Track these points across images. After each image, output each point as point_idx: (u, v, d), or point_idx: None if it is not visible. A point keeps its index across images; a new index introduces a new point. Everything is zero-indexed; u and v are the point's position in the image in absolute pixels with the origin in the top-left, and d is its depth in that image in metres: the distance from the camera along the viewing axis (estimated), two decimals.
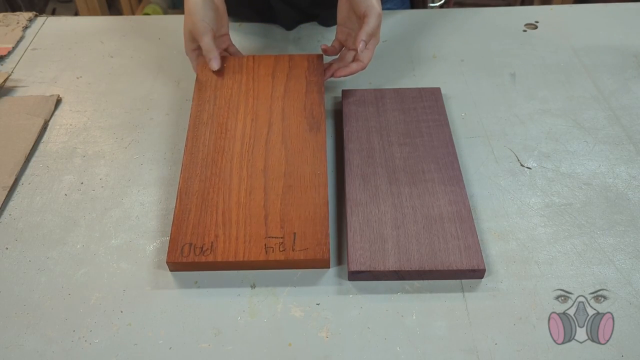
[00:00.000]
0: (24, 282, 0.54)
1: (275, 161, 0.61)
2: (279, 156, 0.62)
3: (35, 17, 0.94)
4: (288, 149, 0.62)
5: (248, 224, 0.56)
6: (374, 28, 0.66)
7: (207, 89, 0.70)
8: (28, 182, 0.65)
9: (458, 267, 0.52)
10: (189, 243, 0.54)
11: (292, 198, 0.58)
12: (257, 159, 0.62)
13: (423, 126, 0.67)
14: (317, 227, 0.55)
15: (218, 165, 0.61)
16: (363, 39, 0.66)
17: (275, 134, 0.64)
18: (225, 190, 0.59)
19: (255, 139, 0.64)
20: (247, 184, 0.59)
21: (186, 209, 0.57)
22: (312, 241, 0.54)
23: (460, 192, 0.59)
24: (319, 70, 0.72)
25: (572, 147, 0.67)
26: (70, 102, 0.76)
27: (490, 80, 0.78)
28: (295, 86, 0.70)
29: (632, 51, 0.82)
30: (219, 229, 0.55)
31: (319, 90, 0.69)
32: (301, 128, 0.65)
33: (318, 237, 0.54)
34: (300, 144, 0.63)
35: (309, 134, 0.64)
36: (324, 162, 0.61)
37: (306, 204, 0.57)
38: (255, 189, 0.59)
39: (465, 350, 0.48)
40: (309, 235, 0.55)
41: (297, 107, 0.67)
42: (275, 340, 0.49)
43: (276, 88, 0.70)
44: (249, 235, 0.55)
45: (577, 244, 0.57)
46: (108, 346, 0.49)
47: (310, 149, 0.62)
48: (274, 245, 0.54)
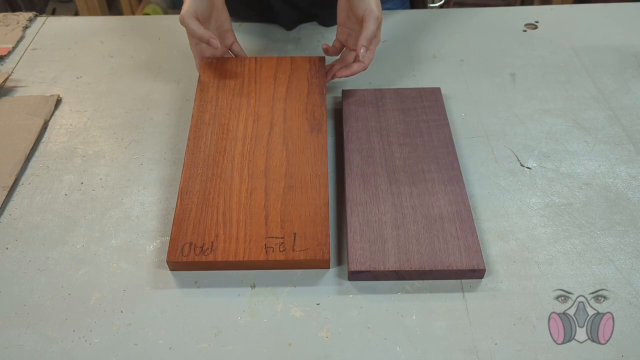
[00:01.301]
0: (24, 282, 0.54)
1: (276, 162, 0.61)
2: (280, 157, 0.62)
3: (35, 17, 0.94)
4: (289, 150, 0.62)
5: (248, 224, 0.56)
6: (373, 32, 0.66)
7: (209, 90, 0.70)
8: (28, 182, 0.65)
9: (458, 267, 0.52)
10: (189, 242, 0.54)
11: (293, 198, 0.58)
12: (258, 159, 0.62)
13: (423, 126, 0.67)
14: (318, 227, 0.55)
15: (219, 165, 0.61)
16: (363, 45, 0.66)
17: (277, 135, 0.64)
18: (226, 190, 0.59)
19: (257, 140, 0.64)
20: (248, 184, 0.59)
21: (187, 209, 0.57)
22: (312, 242, 0.54)
23: (460, 192, 0.59)
24: (320, 72, 0.72)
25: (572, 147, 0.67)
26: (70, 102, 0.76)
27: (490, 80, 0.78)
28: (296, 88, 0.70)
29: (632, 51, 0.82)
30: (220, 228, 0.55)
31: (320, 91, 0.69)
32: (302, 129, 0.65)
33: (318, 237, 0.54)
34: (302, 144, 0.63)
35: (310, 135, 0.64)
36: (324, 163, 0.61)
37: (307, 204, 0.57)
38: (256, 190, 0.59)
39: (465, 350, 0.48)
40: (309, 235, 0.55)
41: (299, 108, 0.67)
42: (275, 340, 0.49)
43: (278, 89, 0.70)
44: (249, 235, 0.55)
45: (577, 244, 0.57)
46: (108, 346, 0.49)
47: (311, 150, 0.62)
48: (274, 246, 0.54)
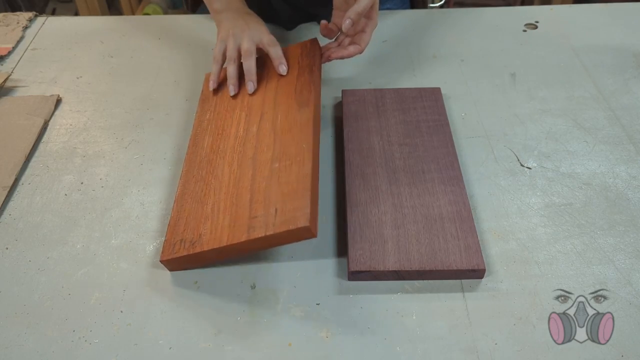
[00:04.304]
0: (24, 282, 0.54)
1: (264, 147, 0.59)
2: (268, 142, 0.59)
3: (35, 17, 0.94)
4: (277, 133, 0.60)
5: (234, 210, 0.54)
6: (364, 8, 0.64)
7: (209, 100, 0.70)
8: (28, 182, 0.65)
9: (458, 267, 0.52)
10: (181, 239, 0.54)
11: (277, 177, 0.55)
12: (247, 149, 0.60)
13: (423, 126, 0.67)
14: (299, 198, 0.51)
15: (212, 164, 0.61)
16: (350, 17, 0.64)
17: (266, 122, 0.62)
18: (216, 185, 0.58)
19: (248, 132, 0.62)
20: (237, 174, 0.58)
21: (181, 211, 0.57)
22: (292, 213, 0.51)
23: (460, 192, 0.59)
24: (312, 52, 0.69)
25: (572, 147, 0.67)
26: (70, 102, 0.76)
27: (490, 80, 0.78)
28: (288, 74, 0.68)
29: (632, 51, 0.82)
30: (208, 221, 0.54)
31: (310, 71, 0.66)
32: (291, 111, 0.62)
33: (298, 206, 0.51)
34: (289, 124, 0.60)
35: (297, 113, 0.61)
36: (309, 135, 0.57)
37: (288, 180, 0.54)
38: (243, 177, 0.57)
39: (465, 350, 0.48)
40: (289, 208, 0.51)
41: (289, 91, 0.65)
42: (275, 340, 0.49)
43: (270, 81, 0.68)
44: (234, 220, 0.53)
45: (577, 244, 0.57)
46: (108, 346, 0.49)
47: (298, 126, 0.59)
48: (256, 225, 0.51)
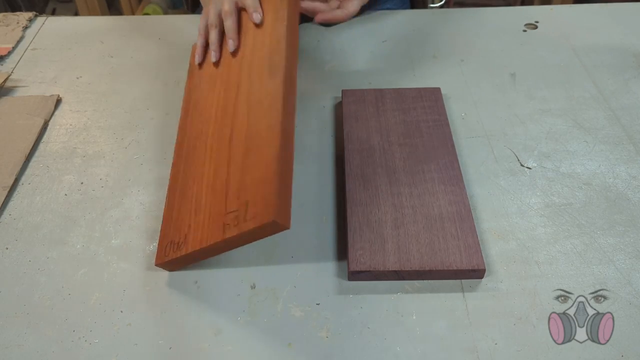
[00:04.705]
0: (24, 282, 0.54)
1: (239, 125, 0.54)
2: (242, 118, 0.54)
3: (35, 17, 0.94)
4: (250, 106, 0.54)
5: (212, 205, 0.50)
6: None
7: (194, 74, 0.69)
8: (28, 182, 0.65)
9: (458, 267, 0.52)
10: (170, 241, 0.53)
11: (249, 162, 0.50)
12: (224, 130, 0.55)
13: (423, 126, 0.67)
14: (267, 188, 0.47)
15: (196, 151, 0.57)
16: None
17: (241, 95, 0.56)
18: (198, 175, 0.54)
19: (225, 111, 0.57)
20: (215, 160, 0.53)
21: (170, 208, 0.55)
22: (261, 206, 0.46)
23: (460, 192, 0.59)
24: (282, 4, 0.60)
25: (572, 147, 0.67)
26: (70, 102, 0.76)
27: (490, 80, 0.78)
28: (260, 34, 0.61)
29: (632, 51, 0.82)
30: (191, 218, 0.52)
31: (280, 25, 0.58)
32: (263, 78, 0.56)
33: (266, 199, 0.46)
34: (261, 95, 0.54)
35: (268, 82, 0.55)
36: (278, 110, 0.51)
37: (258, 165, 0.49)
38: (220, 165, 0.52)
39: (465, 350, 0.48)
40: (259, 200, 0.46)
41: (261, 55, 0.58)
42: (275, 340, 0.49)
43: (246, 45, 0.62)
44: (212, 217, 0.49)
45: (577, 244, 0.57)
46: (108, 346, 0.49)
47: (268, 99, 0.53)
48: (231, 221, 0.47)
